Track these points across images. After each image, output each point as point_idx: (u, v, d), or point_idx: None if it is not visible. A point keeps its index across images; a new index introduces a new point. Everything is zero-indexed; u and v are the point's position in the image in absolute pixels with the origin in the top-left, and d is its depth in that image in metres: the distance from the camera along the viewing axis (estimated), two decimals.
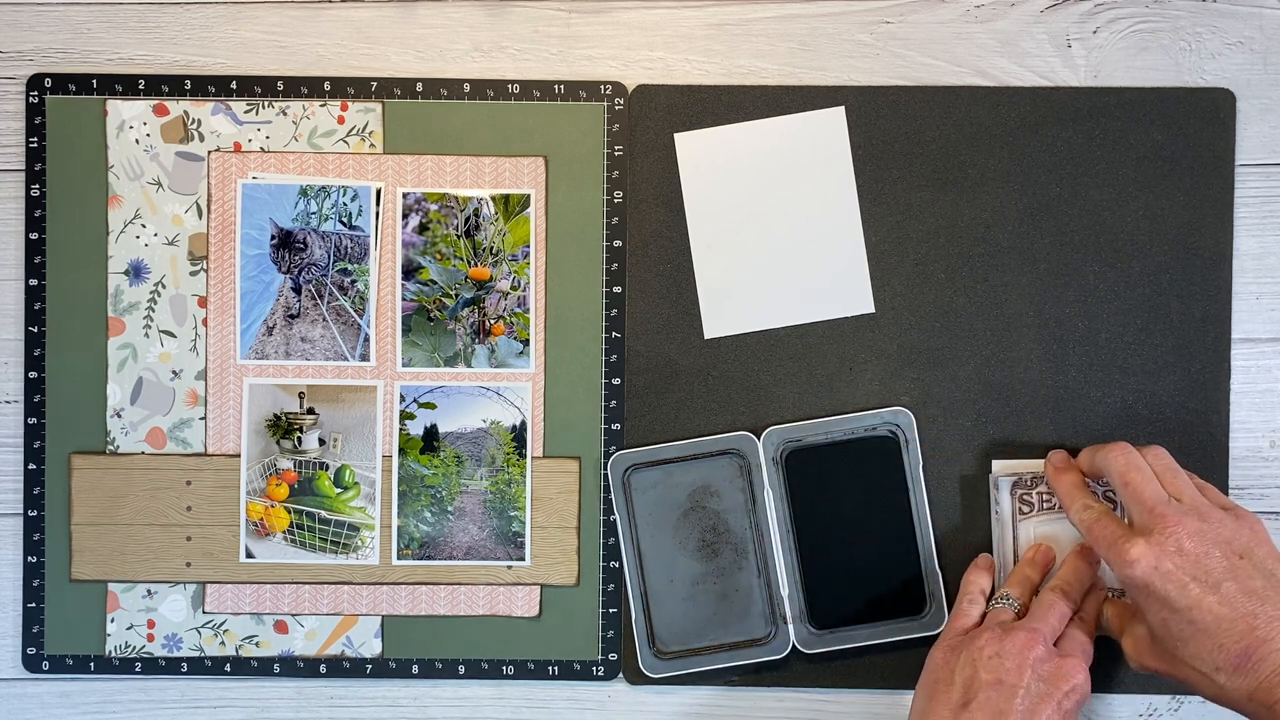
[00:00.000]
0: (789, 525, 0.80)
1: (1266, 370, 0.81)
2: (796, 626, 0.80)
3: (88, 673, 0.82)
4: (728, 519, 0.80)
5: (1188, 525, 0.69)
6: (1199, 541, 0.68)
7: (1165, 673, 0.70)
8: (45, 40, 0.81)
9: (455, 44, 0.81)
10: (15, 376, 0.82)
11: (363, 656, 0.81)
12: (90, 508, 0.81)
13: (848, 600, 0.80)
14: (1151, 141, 0.80)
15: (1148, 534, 0.69)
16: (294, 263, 0.81)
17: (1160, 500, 0.70)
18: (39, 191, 0.81)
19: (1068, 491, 0.75)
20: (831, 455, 0.80)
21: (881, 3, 0.81)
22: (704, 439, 0.80)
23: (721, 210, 0.81)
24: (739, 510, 0.80)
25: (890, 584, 0.80)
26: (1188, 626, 0.68)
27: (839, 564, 0.80)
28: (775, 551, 0.80)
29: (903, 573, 0.80)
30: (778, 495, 0.80)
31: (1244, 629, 0.66)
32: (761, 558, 0.80)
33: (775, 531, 0.79)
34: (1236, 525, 0.70)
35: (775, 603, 0.80)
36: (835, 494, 0.80)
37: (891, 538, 0.80)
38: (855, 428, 0.80)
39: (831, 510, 0.80)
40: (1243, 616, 0.67)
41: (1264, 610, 0.67)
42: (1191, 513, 0.70)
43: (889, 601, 0.80)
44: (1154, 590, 0.68)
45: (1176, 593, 0.68)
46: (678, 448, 0.80)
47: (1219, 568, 0.68)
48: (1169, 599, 0.68)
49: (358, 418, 0.81)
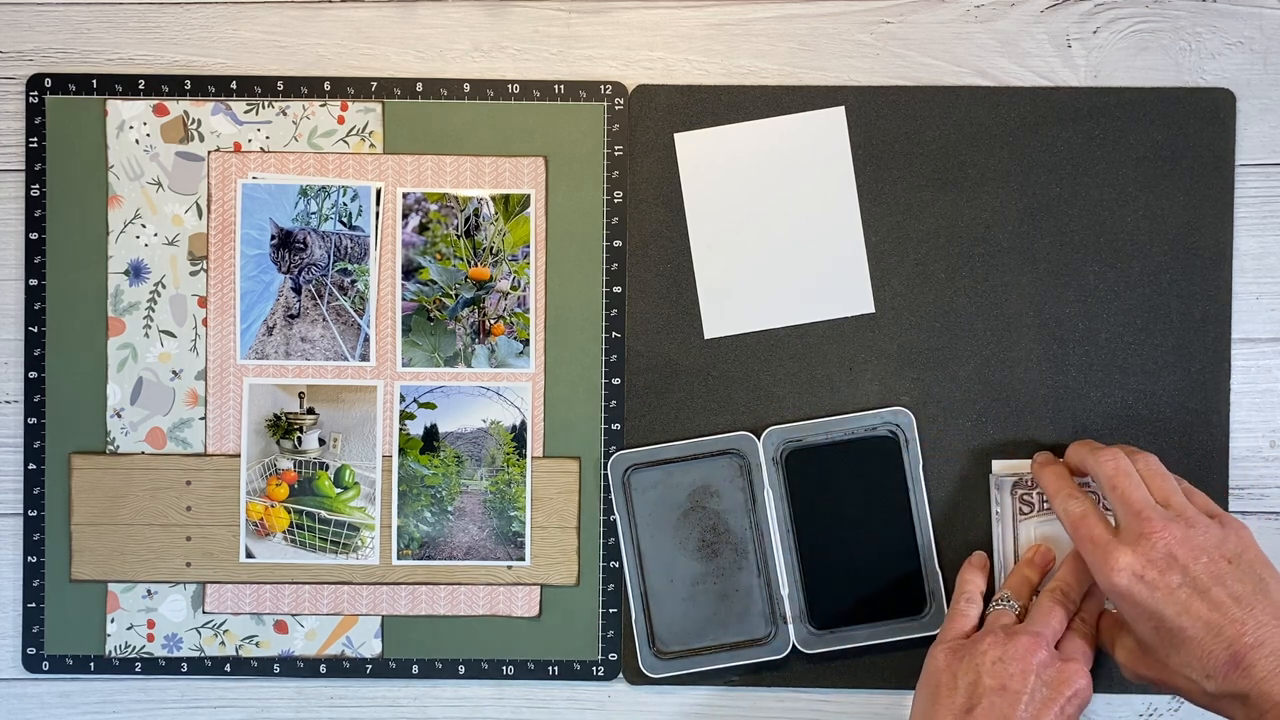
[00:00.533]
0: (789, 525, 0.80)
1: (1266, 370, 0.81)
2: (796, 626, 0.80)
3: (88, 673, 0.82)
4: (728, 519, 0.80)
5: (1173, 531, 0.69)
6: (1185, 548, 0.68)
7: (1158, 681, 0.70)
8: (45, 40, 0.81)
9: (455, 44, 0.81)
10: (15, 376, 0.82)
11: (363, 656, 0.81)
12: (90, 508, 0.81)
13: (848, 600, 0.80)
14: (1151, 141, 0.80)
15: (1134, 541, 0.69)
16: (294, 263, 0.81)
17: (1147, 505, 0.70)
18: (39, 191, 0.81)
19: (1053, 484, 0.75)
20: (831, 455, 0.80)
21: (881, 3, 0.81)
22: (704, 439, 0.80)
23: (721, 210, 0.81)
24: (739, 510, 0.80)
25: (890, 584, 0.80)
26: (1176, 634, 0.67)
27: (839, 564, 0.80)
28: (775, 551, 0.80)
29: (903, 572, 0.80)
30: (778, 495, 0.80)
31: (1232, 635, 0.66)
32: (761, 558, 0.80)
33: (775, 531, 0.80)
34: (1223, 531, 0.70)
35: (775, 603, 0.80)
36: (835, 494, 0.80)
37: (891, 538, 0.80)
38: (855, 428, 0.80)
39: (831, 510, 0.80)
40: (1231, 622, 0.66)
41: (1252, 616, 0.66)
42: (1178, 519, 0.69)
43: (889, 601, 0.80)
44: (1139, 600, 0.68)
45: (1163, 600, 0.68)
46: (678, 448, 0.80)
47: (1206, 574, 0.68)
48: (1155, 607, 0.68)
49: (358, 418, 0.81)
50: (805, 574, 0.79)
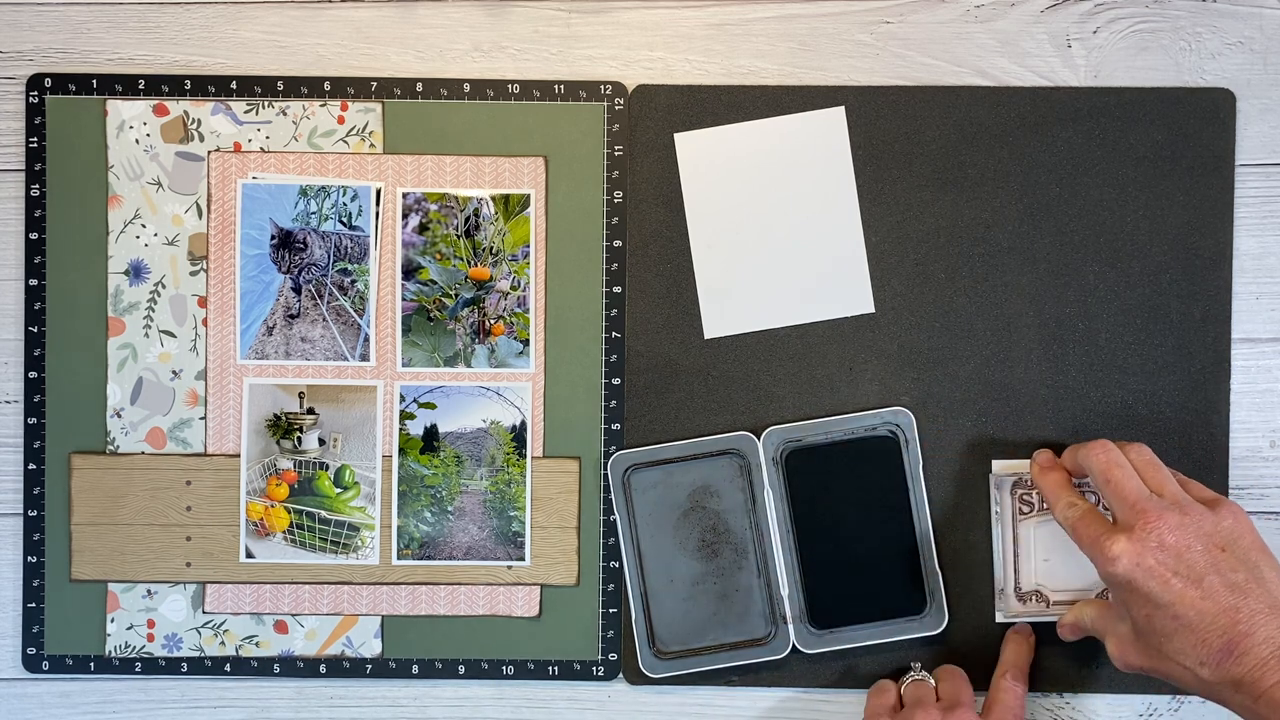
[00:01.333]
0: (789, 525, 0.80)
1: (1266, 370, 0.81)
2: (796, 626, 0.80)
3: (88, 673, 0.82)
4: (728, 519, 0.80)
5: (1169, 520, 0.69)
6: (1180, 535, 0.69)
7: (1150, 669, 0.70)
8: (45, 40, 0.81)
9: (455, 44, 0.81)
10: (15, 376, 0.82)
11: (363, 656, 0.81)
12: (90, 508, 0.81)
13: (848, 600, 0.80)
14: (1151, 141, 0.80)
15: (1129, 530, 0.69)
16: (294, 263, 0.81)
17: (1141, 496, 0.71)
18: (39, 191, 0.81)
19: (1053, 490, 0.75)
20: (832, 455, 0.80)
21: (881, 3, 0.81)
22: (704, 439, 0.80)
23: (721, 210, 0.81)
24: (739, 510, 0.80)
25: (890, 583, 0.80)
26: (1171, 621, 0.68)
27: (839, 564, 0.80)
28: (775, 551, 0.80)
29: (903, 572, 0.80)
30: (778, 495, 0.80)
31: (1226, 623, 0.66)
32: (761, 558, 0.80)
33: (775, 531, 0.79)
34: (1217, 518, 0.70)
35: (775, 603, 0.80)
36: (835, 494, 0.80)
37: (891, 537, 0.80)
38: (855, 428, 0.80)
39: (831, 510, 0.80)
40: (1225, 610, 0.67)
41: (1246, 604, 0.67)
42: (1172, 507, 0.70)
43: (889, 601, 0.80)
44: (1137, 586, 0.68)
45: (1159, 588, 0.68)
46: (678, 448, 0.80)
47: (1201, 561, 0.68)
48: (1151, 595, 0.68)
49: (358, 418, 0.81)
50: (805, 574, 0.79)
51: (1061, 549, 0.78)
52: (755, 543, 0.80)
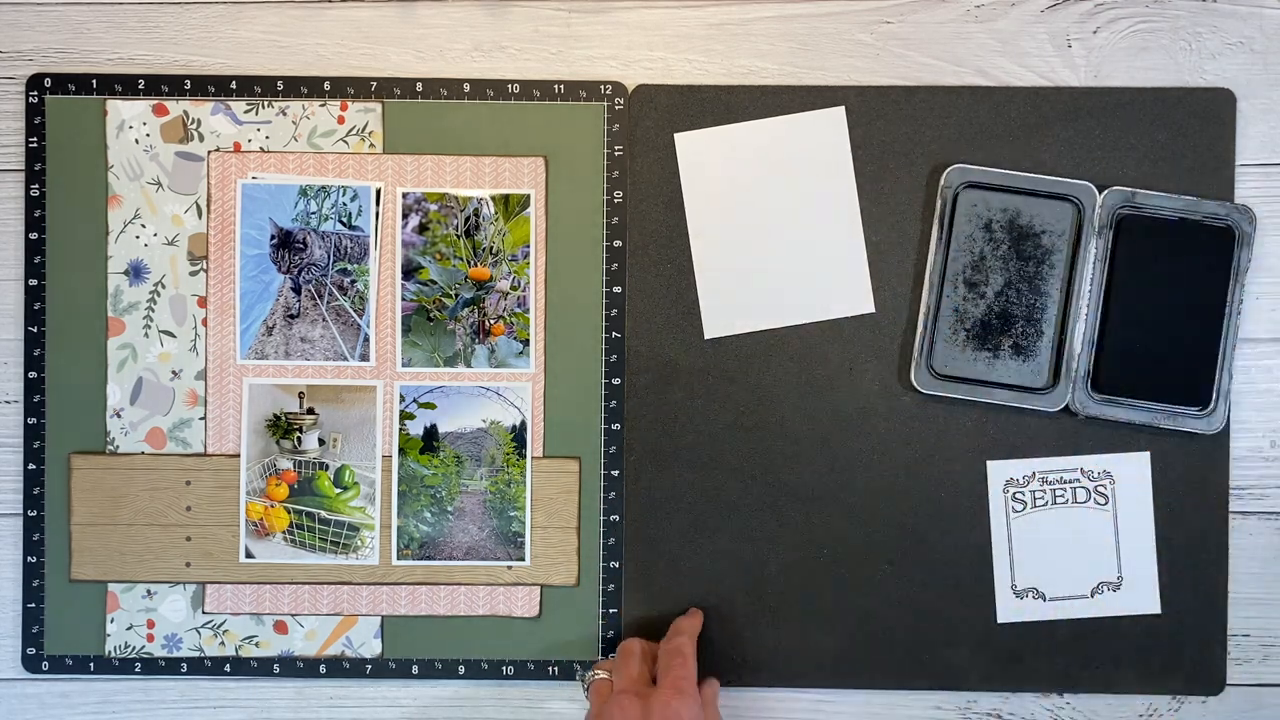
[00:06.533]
0: (1100, 286, 0.78)
1: (1266, 370, 0.81)
2: (1077, 387, 0.79)
3: (87, 673, 0.82)
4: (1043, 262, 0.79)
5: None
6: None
7: None
8: (45, 40, 0.81)
9: (455, 44, 0.81)
10: (15, 376, 0.82)
11: (363, 657, 0.81)
12: (90, 508, 0.81)
13: (1135, 375, 0.79)
14: (1151, 141, 0.80)
15: None
16: (294, 263, 0.81)
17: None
18: (39, 191, 0.81)
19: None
20: (1165, 232, 0.78)
21: (881, 3, 0.81)
22: (1047, 177, 0.79)
23: (721, 210, 0.81)
24: (1059, 257, 0.79)
25: (1182, 371, 0.79)
26: None
27: (1137, 339, 0.79)
28: (1080, 307, 0.79)
29: (1198, 364, 0.79)
30: (1100, 255, 0.78)
31: None
32: (1063, 308, 0.79)
33: (1088, 289, 0.78)
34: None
35: (1065, 358, 0.79)
36: (1155, 271, 0.79)
37: (1196, 329, 0.79)
38: (1198, 211, 0.78)
39: (1146, 285, 0.79)
40: None
41: None
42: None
43: (1176, 387, 0.79)
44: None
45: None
46: (1018, 177, 0.79)
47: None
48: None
49: (357, 418, 0.81)
50: (1102, 336, 0.79)
51: (1052, 543, 0.78)
52: (1063, 292, 0.79)
